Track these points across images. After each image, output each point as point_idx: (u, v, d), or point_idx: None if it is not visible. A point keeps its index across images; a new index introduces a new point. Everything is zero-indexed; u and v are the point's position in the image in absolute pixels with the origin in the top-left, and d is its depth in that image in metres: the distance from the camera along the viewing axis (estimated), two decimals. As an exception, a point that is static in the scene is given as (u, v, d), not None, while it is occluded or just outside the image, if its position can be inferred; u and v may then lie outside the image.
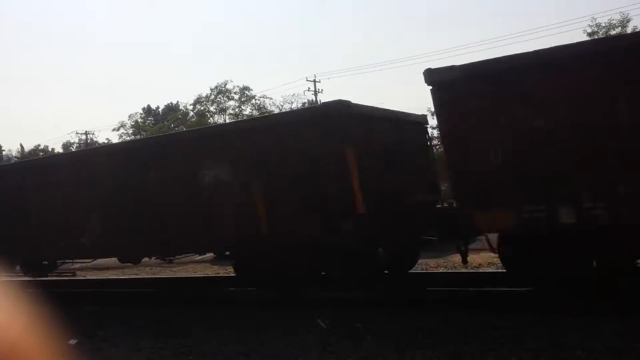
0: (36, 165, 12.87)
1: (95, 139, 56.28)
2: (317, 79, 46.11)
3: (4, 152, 56.69)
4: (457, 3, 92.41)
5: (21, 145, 56.89)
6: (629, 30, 26.45)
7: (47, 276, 12.04)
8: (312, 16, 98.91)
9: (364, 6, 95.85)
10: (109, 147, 20.73)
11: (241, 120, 26.19)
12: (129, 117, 53.82)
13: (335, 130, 7.68)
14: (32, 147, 59.49)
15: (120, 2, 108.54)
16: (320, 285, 8.59)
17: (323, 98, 47.51)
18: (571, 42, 6.66)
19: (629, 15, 26.93)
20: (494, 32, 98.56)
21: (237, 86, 45.61)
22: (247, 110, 45.37)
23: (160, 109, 65.31)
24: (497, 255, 7.53)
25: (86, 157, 12.01)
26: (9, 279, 12.68)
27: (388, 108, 9.04)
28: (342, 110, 7.72)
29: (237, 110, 45.54)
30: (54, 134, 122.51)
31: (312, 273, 8.46)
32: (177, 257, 10.47)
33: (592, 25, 27.86)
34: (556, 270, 6.63)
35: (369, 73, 79.30)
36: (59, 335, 0.88)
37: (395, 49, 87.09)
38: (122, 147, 15.20)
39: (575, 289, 6.60)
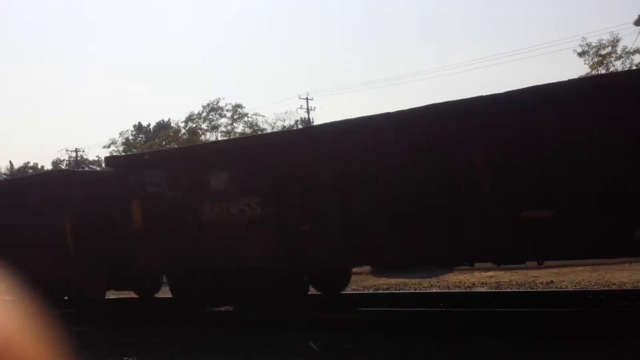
0: None
1: (85, 157, 56.09)
2: (309, 97, 46.38)
3: (-7, 169, 56.27)
4: (448, 23, 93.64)
5: (10, 163, 56.53)
6: (618, 50, 26.68)
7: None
8: (306, 34, 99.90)
9: (358, 24, 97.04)
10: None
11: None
12: (120, 134, 53.67)
13: None
14: (22, 165, 59.13)
15: (113, 21, 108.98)
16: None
17: (316, 116, 47.77)
18: None
19: (619, 35, 27.25)
20: (485, 52, 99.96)
21: (230, 104, 45.64)
22: (240, 127, 45.37)
23: (151, 126, 65.26)
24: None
25: None
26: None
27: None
28: None
29: (229, 127, 45.53)
30: (43, 151, 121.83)
31: None
32: None
33: (582, 45, 28.13)
34: None
35: (362, 91, 79.91)
36: (44, 356, 0.83)
37: (390, 67, 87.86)
38: None
39: None
